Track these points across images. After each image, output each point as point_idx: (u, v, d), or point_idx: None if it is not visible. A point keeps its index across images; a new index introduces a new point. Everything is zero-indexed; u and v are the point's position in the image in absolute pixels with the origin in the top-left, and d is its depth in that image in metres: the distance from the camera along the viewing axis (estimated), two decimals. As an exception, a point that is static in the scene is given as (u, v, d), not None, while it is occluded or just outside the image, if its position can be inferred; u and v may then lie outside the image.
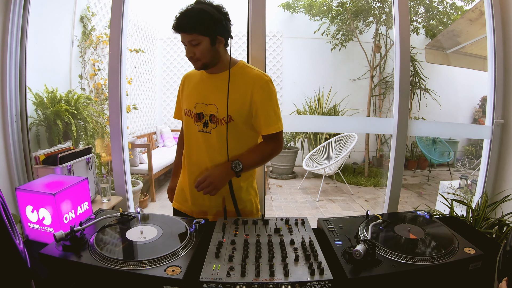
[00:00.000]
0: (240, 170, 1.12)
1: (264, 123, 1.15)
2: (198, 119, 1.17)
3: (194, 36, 1.05)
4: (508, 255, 0.67)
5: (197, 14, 1.04)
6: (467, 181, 2.72)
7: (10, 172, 1.83)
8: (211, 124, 1.15)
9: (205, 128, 1.16)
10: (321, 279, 0.72)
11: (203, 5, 1.06)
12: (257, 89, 1.13)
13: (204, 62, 1.11)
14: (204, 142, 1.17)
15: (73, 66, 3.11)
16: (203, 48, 1.07)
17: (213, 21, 1.05)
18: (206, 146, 1.18)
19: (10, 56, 1.80)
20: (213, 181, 1.09)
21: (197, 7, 1.05)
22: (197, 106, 1.18)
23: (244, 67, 1.19)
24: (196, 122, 1.18)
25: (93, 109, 2.86)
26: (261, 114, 1.14)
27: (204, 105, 1.16)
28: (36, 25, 2.19)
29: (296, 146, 5.39)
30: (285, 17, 5.50)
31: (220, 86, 1.15)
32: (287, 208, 3.78)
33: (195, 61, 1.11)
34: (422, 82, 5.09)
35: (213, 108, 1.14)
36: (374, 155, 5.71)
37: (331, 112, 5.25)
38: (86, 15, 3.24)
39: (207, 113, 1.16)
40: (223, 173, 1.12)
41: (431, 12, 5.00)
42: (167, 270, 0.74)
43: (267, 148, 1.20)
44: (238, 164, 1.12)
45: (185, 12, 1.04)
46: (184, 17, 1.04)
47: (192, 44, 1.07)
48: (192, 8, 1.05)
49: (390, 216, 1.07)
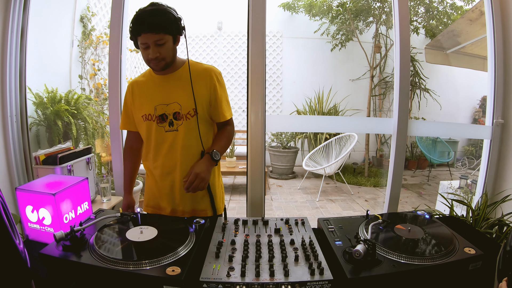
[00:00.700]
0: (219, 159, 1.22)
1: (221, 110, 1.25)
2: (162, 120, 1.20)
3: (161, 36, 1.07)
4: (508, 255, 0.67)
5: (163, 14, 1.07)
6: (467, 181, 2.71)
7: (10, 172, 1.83)
8: (177, 122, 1.19)
9: (171, 127, 1.20)
10: (321, 279, 0.72)
11: (162, 6, 1.10)
12: (214, 81, 1.21)
13: (167, 61, 1.14)
14: (174, 141, 1.20)
15: (73, 66, 3.11)
16: (168, 47, 1.11)
17: (175, 20, 1.10)
18: (176, 144, 1.20)
19: (10, 56, 1.80)
20: (204, 177, 1.16)
21: (160, 8, 1.08)
22: (157, 109, 1.20)
23: (194, 63, 1.24)
24: (160, 124, 1.20)
25: (93, 109, 2.86)
26: (219, 103, 1.24)
27: (164, 105, 1.19)
28: (36, 25, 2.19)
29: (296, 146, 5.39)
30: (285, 17, 5.50)
31: (179, 84, 1.20)
32: (287, 208, 3.78)
33: (159, 61, 1.12)
34: (422, 82, 5.09)
35: (176, 106, 1.18)
36: (374, 155, 5.71)
37: (331, 112, 5.24)
38: (86, 15, 3.24)
39: (169, 112, 1.19)
40: (208, 166, 1.19)
41: (431, 12, 5.00)
42: (167, 270, 0.74)
43: (227, 132, 1.31)
44: (216, 154, 1.20)
45: (151, 12, 1.06)
46: (151, 17, 1.06)
47: (157, 44, 1.08)
48: (157, 9, 1.07)
49: (390, 216, 1.07)
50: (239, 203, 3.88)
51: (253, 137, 1.73)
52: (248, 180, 1.78)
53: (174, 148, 1.21)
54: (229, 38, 5.63)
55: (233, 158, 4.38)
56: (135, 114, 1.26)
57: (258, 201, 1.79)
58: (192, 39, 5.62)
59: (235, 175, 4.81)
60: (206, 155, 1.19)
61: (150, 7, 1.08)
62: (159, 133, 1.21)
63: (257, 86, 1.69)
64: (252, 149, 1.74)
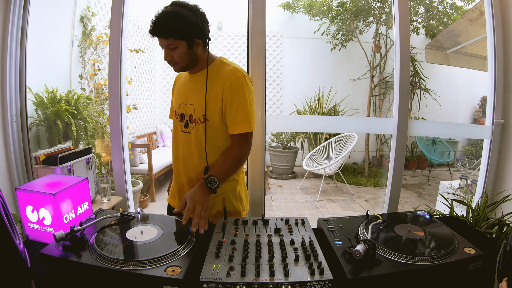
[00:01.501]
0: (217, 187, 1.05)
1: (231, 122, 1.11)
2: (181, 120, 1.20)
3: (171, 41, 1.04)
4: (508, 255, 0.67)
5: (173, 19, 1.02)
6: (467, 181, 2.71)
7: (10, 172, 1.83)
8: (190, 125, 1.17)
9: (186, 128, 1.18)
10: (321, 279, 0.72)
11: (179, 8, 1.04)
12: (227, 85, 1.09)
13: (182, 65, 1.11)
14: (186, 142, 1.19)
15: (73, 66, 3.11)
16: (181, 51, 1.07)
17: (190, 25, 1.04)
18: (187, 146, 1.20)
19: (10, 56, 1.80)
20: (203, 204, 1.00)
21: (173, 10, 1.03)
22: (180, 107, 1.20)
23: (220, 64, 1.17)
24: (180, 123, 1.21)
25: (93, 109, 2.86)
26: (229, 112, 1.10)
27: (185, 105, 1.18)
28: (36, 25, 2.19)
29: (296, 146, 5.39)
30: (285, 17, 5.50)
31: (197, 86, 1.15)
32: (287, 208, 3.77)
33: (173, 65, 1.11)
34: (422, 82, 5.09)
35: (191, 109, 1.16)
36: (374, 155, 5.71)
37: (331, 112, 5.25)
38: (86, 15, 3.24)
39: (187, 113, 1.18)
40: (204, 194, 1.03)
41: (431, 12, 5.00)
42: (167, 270, 0.74)
43: (235, 153, 1.13)
44: (213, 181, 1.04)
45: (161, 16, 1.03)
46: (160, 22, 1.03)
47: (169, 48, 1.06)
48: (168, 12, 1.03)
49: (390, 216, 1.07)
50: (239, 203, 3.87)
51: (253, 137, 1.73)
52: (248, 180, 1.78)
53: (183, 151, 1.21)
54: (229, 38, 5.63)
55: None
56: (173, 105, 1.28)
57: (258, 201, 1.79)
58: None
59: (235, 175, 4.80)
60: (201, 181, 1.04)
61: (168, 8, 1.04)
62: (178, 131, 1.22)
63: (257, 86, 1.69)
64: (252, 149, 1.73)
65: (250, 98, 1.14)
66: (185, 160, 1.22)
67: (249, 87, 1.13)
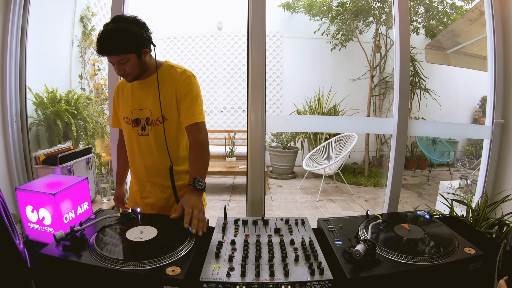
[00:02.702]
0: (205, 185, 1.13)
1: (185, 115, 1.20)
2: (136, 124, 1.24)
3: (122, 56, 1.08)
4: (508, 255, 0.67)
5: (119, 36, 1.06)
6: (467, 181, 2.71)
7: (10, 172, 1.83)
8: (148, 127, 1.22)
9: (143, 131, 1.23)
10: (321, 279, 0.72)
11: (121, 24, 1.08)
12: (179, 85, 1.19)
13: (134, 75, 1.16)
14: (145, 145, 1.24)
15: (73, 66, 3.11)
16: (132, 64, 1.12)
17: (135, 38, 1.09)
18: (146, 148, 1.25)
19: (10, 56, 1.81)
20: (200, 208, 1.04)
21: (117, 28, 1.07)
22: (133, 113, 1.24)
23: (168, 67, 1.24)
24: (135, 128, 1.25)
25: (93, 109, 2.86)
26: (183, 107, 1.20)
27: (139, 110, 1.23)
28: (36, 25, 2.19)
29: (296, 146, 5.39)
30: (285, 17, 5.50)
31: (150, 90, 1.21)
32: (287, 208, 3.77)
33: (126, 76, 1.16)
34: (422, 82, 5.09)
35: (147, 112, 1.22)
36: (374, 155, 5.71)
37: (331, 112, 5.24)
38: (86, 15, 3.24)
39: (143, 117, 1.23)
40: (198, 196, 1.09)
41: (431, 12, 4.99)
42: (167, 270, 0.74)
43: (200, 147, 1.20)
44: (200, 182, 1.11)
45: (107, 35, 1.06)
46: (107, 41, 1.06)
47: (120, 63, 1.11)
48: (112, 30, 1.06)
49: (390, 216, 1.07)
50: (239, 203, 3.88)
51: (253, 137, 1.73)
52: (248, 180, 1.78)
53: (145, 152, 1.25)
54: (229, 38, 5.63)
55: (233, 158, 4.38)
56: (119, 114, 1.32)
57: (258, 201, 1.79)
58: (192, 39, 5.62)
59: (235, 175, 4.81)
60: (189, 187, 1.10)
61: (110, 25, 1.08)
62: (134, 136, 1.26)
63: (257, 86, 1.69)
64: (252, 149, 1.74)
65: (200, 94, 1.25)
66: (146, 162, 1.26)
67: (197, 84, 1.25)
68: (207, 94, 5.77)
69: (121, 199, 1.45)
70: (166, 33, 5.64)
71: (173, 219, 1.01)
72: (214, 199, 4.00)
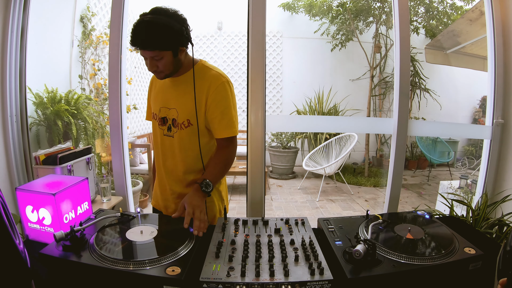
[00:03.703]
0: (211, 190, 1.08)
1: (217, 126, 1.13)
2: (163, 123, 1.19)
3: (157, 53, 1.01)
4: (508, 255, 0.67)
5: (157, 30, 0.98)
6: (467, 181, 2.71)
7: (10, 172, 1.83)
8: (174, 129, 1.16)
9: (169, 132, 1.18)
10: (321, 279, 0.72)
11: (161, 18, 0.99)
12: (211, 91, 1.10)
13: (167, 73, 1.09)
14: (169, 146, 1.19)
15: (73, 66, 3.11)
16: (166, 61, 1.04)
17: (174, 34, 1.01)
18: (170, 150, 1.19)
19: (10, 56, 1.80)
20: (202, 209, 1.02)
21: (156, 21, 0.98)
22: (161, 110, 1.19)
23: (203, 68, 1.16)
24: (161, 126, 1.20)
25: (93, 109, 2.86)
26: (215, 117, 1.12)
27: (167, 109, 1.17)
28: (36, 25, 2.19)
29: (296, 146, 5.39)
30: (285, 17, 5.50)
31: (180, 90, 1.14)
32: (287, 208, 3.77)
33: (158, 73, 1.09)
34: (422, 82, 5.09)
35: (174, 113, 1.15)
36: (374, 155, 5.71)
37: (331, 112, 5.24)
38: (86, 15, 3.23)
39: (170, 117, 1.17)
40: (201, 198, 1.05)
41: (431, 12, 5.00)
42: (167, 270, 0.74)
43: (225, 156, 1.16)
44: (208, 185, 1.07)
45: (143, 27, 0.97)
46: (143, 34, 0.98)
47: (154, 59, 1.03)
48: (150, 23, 0.97)
49: (390, 216, 1.07)
50: (239, 203, 3.88)
51: (253, 137, 1.73)
52: (248, 180, 1.78)
53: (168, 154, 1.20)
54: (229, 38, 5.63)
55: (233, 158, 4.38)
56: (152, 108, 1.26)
57: (258, 201, 1.79)
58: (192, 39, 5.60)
59: (235, 175, 4.81)
60: (195, 186, 1.06)
61: (148, 17, 0.98)
62: (159, 134, 1.21)
63: (257, 86, 1.69)
64: (252, 149, 1.74)
65: (234, 103, 1.16)
66: (167, 164, 1.22)
67: (232, 92, 1.15)
68: (207, 94, 5.77)
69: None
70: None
71: (173, 219, 1.01)
72: (214, 199, 3.99)
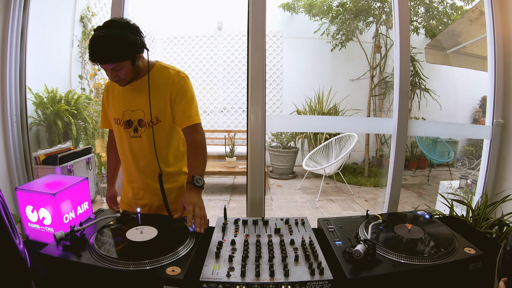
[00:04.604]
0: (203, 183, 1.12)
1: (183, 116, 1.19)
2: (128, 126, 1.22)
3: (116, 64, 1.05)
4: (508, 255, 0.67)
5: (113, 44, 1.02)
6: (467, 181, 2.71)
7: (10, 172, 1.83)
8: (141, 129, 1.20)
9: (135, 133, 1.21)
10: (321, 279, 0.72)
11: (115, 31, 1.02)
12: (174, 87, 1.17)
13: (128, 80, 1.13)
14: (137, 147, 1.22)
15: (73, 66, 3.11)
16: (126, 70, 1.09)
17: (129, 45, 1.05)
18: (139, 150, 1.22)
19: (10, 56, 1.80)
20: (201, 205, 1.05)
21: (110, 35, 1.01)
22: (124, 114, 1.22)
23: (161, 68, 1.21)
24: (126, 129, 1.22)
25: (93, 109, 2.86)
26: (179, 109, 1.18)
27: (131, 111, 1.21)
28: (36, 25, 2.19)
29: (296, 146, 5.38)
30: (285, 17, 5.50)
31: (142, 91, 1.18)
32: (287, 208, 3.77)
33: (120, 82, 1.13)
34: (422, 82, 5.09)
35: (140, 113, 1.19)
36: (374, 155, 5.71)
37: (331, 112, 5.24)
38: (86, 15, 3.24)
39: (135, 119, 1.20)
40: (197, 194, 1.09)
41: (431, 12, 4.99)
42: (167, 270, 0.74)
43: (198, 146, 1.20)
44: (198, 179, 1.10)
45: (100, 43, 1.01)
46: (101, 49, 1.01)
47: (115, 70, 1.07)
48: (105, 38, 1.01)
49: (390, 216, 1.07)
50: (239, 203, 3.88)
51: (253, 137, 1.73)
52: (248, 180, 1.78)
53: (137, 154, 1.23)
54: (229, 38, 5.63)
55: (233, 158, 4.38)
56: (109, 115, 1.30)
57: (258, 201, 1.79)
58: (192, 39, 5.62)
59: (235, 175, 4.81)
60: (189, 185, 1.10)
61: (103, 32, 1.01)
62: (126, 138, 1.23)
63: (257, 86, 1.69)
64: (252, 149, 1.74)
65: (194, 95, 1.24)
66: (139, 164, 1.24)
67: (191, 86, 1.24)
68: (207, 94, 5.77)
69: (114, 199, 1.45)
70: (166, 33, 5.63)
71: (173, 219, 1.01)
72: (214, 199, 4.00)
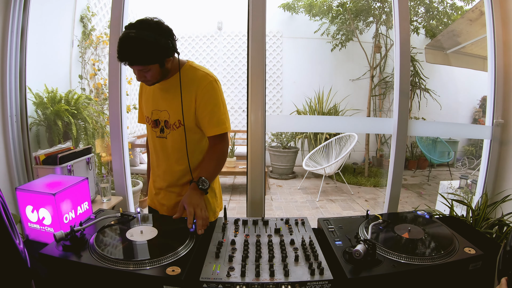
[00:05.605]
0: (208, 187, 1.09)
1: (208, 124, 1.15)
2: (155, 126, 1.21)
3: (143, 67, 1.03)
4: (508, 255, 0.67)
5: (143, 47, 0.98)
6: (467, 181, 2.71)
7: (10, 172, 1.83)
8: (166, 130, 1.19)
9: (161, 134, 1.20)
10: (321, 279, 0.72)
11: (145, 33, 0.98)
12: (200, 91, 1.12)
13: (154, 81, 1.11)
14: (162, 148, 1.21)
15: (73, 66, 3.11)
16: (154, 72, 1.06)
17: (160, 49, 1.02)
18: (163, 152, 1.21)
19: (10, 56, 1.80)
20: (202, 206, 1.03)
21: (141, 37, 0.97)
22: (153, 113, 1.21)
23: (190, 69, 1.17)
24: (154, 129, 1.22)
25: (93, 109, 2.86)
26: (205, 116, 1.14)
27: (158, 111, 1.20)
28: (36, 25, 2.19)
29: (296, 146, 5.39)
30: (285, 17, 5.50)
31: (169, 92, 1.16)
32: (287, 208, 3.77)
33: (146, 82, 1.11)
34: (422, 82, 5.09)
35: (166, 114, 1.18)
36: (374, 155, 5.71)
37: (331, 112, 5.24)
38: (86, 15, 3.23)
39: (162, 119, 1.19)
40: (199, 195, 1.06)
41: (431, 12, 4.99)
42: (167, 270, 0.74)
43: (217, 153, 1.17)
44: (204, 182, 1.08)
45: (129, 45, 0.97)
46: (129, 51, 0.98)
47: (142, 71, 1.05)
48: (135, 39, 0.97)
49: (390, 216, 1.07)
50: (239, 203, 3.88)
51: (253, 137, 1.73)
52: (248, 180, 1.78)
53: (161, 155, 1.23)
54: (229, 38, 5.63)
55: (233, 158, 4.38)
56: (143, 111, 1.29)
57: (258, 201, 1.79)
58: (192, 39, 5.62)
59: (235, 175, 4.81)
60: (192, 185, 1.08)
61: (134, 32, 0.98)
62: (153, 137, 1.23)
63: (257, 86, 1.69)
64: (252, 149, 1.74)
65: (223, 101, 1.18)
66: (161, 165, 1.24)
67: (220, 90, 1.18)
68: (207, 94, 5.77)
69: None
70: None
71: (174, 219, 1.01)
72: (214, 199, 3.99)
